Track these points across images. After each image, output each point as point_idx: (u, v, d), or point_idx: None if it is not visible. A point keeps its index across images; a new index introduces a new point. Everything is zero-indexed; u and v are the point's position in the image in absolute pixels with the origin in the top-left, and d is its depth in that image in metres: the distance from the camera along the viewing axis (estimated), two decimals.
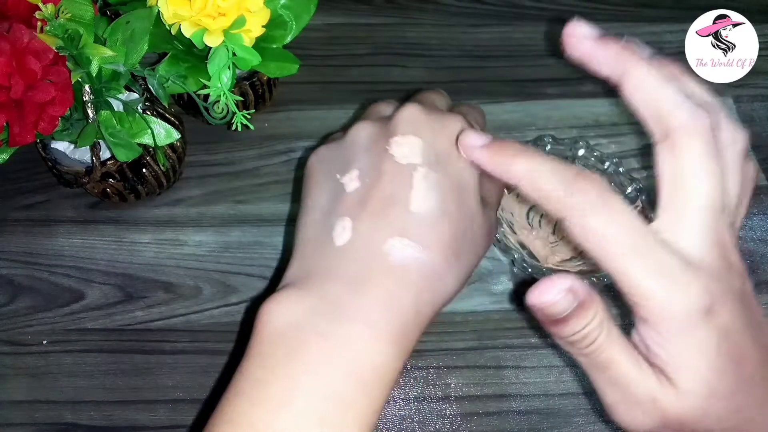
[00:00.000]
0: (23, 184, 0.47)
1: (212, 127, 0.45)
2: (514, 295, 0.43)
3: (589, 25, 0.27)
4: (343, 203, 0.29)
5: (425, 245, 0.28)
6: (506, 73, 0.53)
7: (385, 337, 0.27)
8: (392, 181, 0.29)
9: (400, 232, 0.28)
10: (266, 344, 0.27)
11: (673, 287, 0.24)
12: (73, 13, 0.36)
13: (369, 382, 0.26)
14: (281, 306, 0.27)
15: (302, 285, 0.28)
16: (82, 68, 0.37)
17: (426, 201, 0.29)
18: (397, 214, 0.29)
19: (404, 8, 0.56)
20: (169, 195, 0.46)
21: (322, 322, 0.27)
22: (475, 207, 0.31)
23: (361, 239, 0.28)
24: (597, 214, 0.25)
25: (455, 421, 0.39)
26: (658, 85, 0.25)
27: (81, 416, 0.39)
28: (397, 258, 0.28)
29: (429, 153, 0.30)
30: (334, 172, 0.31)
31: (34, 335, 0.41)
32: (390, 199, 0.29)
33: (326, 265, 0.28)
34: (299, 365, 0.26)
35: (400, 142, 0.30)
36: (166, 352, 0.41)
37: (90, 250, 0.44)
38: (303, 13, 0.42)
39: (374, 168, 0.30)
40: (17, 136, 0.35)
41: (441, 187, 0.29)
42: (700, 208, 0.25)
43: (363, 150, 0.31)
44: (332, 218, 0.29)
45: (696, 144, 0.25)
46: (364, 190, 0.29)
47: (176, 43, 0.41)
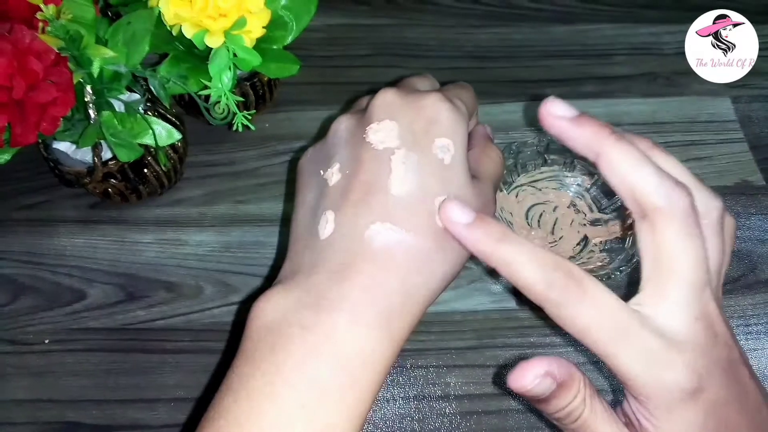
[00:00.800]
0: (25, 185, 0.47)
1: (213, 127, 0.45)
2: (514, 295, 0.43)
3: (564, 104, 0.27)
4: (327, 197, 0.30)
5: (409, 227, 0.28)
6: (506, 73, 0.53)
7: (370, 322, 0.26)
8: (370, 168, 0.29)
9: (382, 217, 0.28)
10: (254, 340, 0.27)
11: (657, 369, 0.25)
12: (75, 14, 0.36)
13: (355, 370, 0.26)
14: (269, 303, 0.28)
15: (289, 281, 0.28)
16: (83, 69, 0.37)
17: (406, 183, 0.28)
18: (378, 200, 0.28)
19: (404, 9, 0.56)
20: (170, 195, 0.47)
21: (306, 314, 0.26)
22: (463, 182, 0.30)
23: (344, 229, 0.28)
24: (578, 304, 0.25)
25: (455, 420, 0.40)
26: (634, 166, 0.26)
27: (83, 415, 0.39)
28: (379, 243, 0.27)
29: (406, 135, 0.30)
30: (318, 170, 0.31)
31: (37, 334, 0.41)
32: (370, 185, 0.29)
33: (311, 259, 0.28)
34: (282, 358, 0.26)
35: (375, 129, 0.30)
36: (168, 351, 0.41)
37: (92, 249, 0.44)
38: (303, 13, 0.42)
39: (353, 158, 0.30)
40: (19, 136, 0.35)
41: (421, 167, 0.29)
42: (681, 285, 0.25)
43: (342, 143, 0.31)
44: (317, 213, 0.29)
45: (674, 225, 0.25)
46: (345, 182, 0.29)
47: (177, 43, 0.41)
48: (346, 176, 0.29)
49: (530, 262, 0.25)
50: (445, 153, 0.29)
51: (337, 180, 0.30)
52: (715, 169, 0.49)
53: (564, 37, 0.55)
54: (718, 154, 0.49)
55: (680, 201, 0.25)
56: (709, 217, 0.27)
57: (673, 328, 0.25)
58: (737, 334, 0.42)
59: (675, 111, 0.52)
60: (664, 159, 0.28)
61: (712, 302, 0.26)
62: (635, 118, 0.51)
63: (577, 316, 0.25)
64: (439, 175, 0.29)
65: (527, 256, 0.26)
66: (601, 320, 0.25)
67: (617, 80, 0.53)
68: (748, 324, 0.43)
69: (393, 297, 0.27)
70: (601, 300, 0.25)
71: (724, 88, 0.52)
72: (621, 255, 0.42)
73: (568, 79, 0.53)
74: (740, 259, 0.45)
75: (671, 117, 0.51)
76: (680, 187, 0.25)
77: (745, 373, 0.26)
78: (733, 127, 0.51)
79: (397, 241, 0.28)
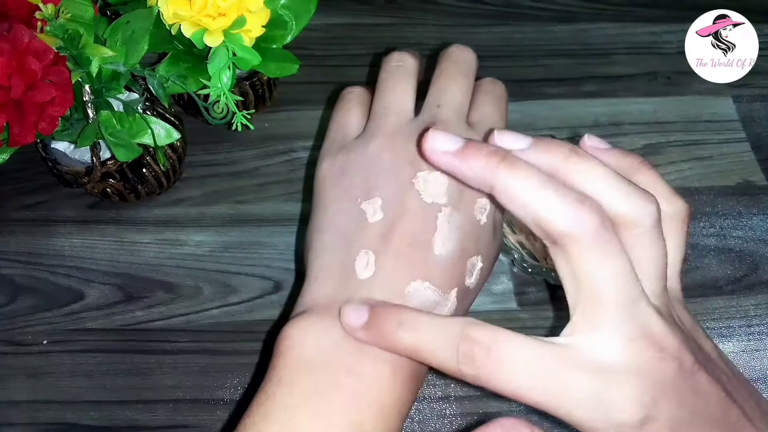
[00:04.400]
0: (23, 184, 0.47)
1: (212, 127, 0.45)
2: (514, 295, 0.43)
3: (445, 136, 0.25)
4: (366, 234, 0.29)
5: (444, 287, 0.29)
6: (506, 72, 0.53)
7: (407, 375, 0.28)
8: (416, 220, 0.29)
9: (423, 275, 0.28)
10: (294, 371, 0.27)
11: (602, 409, 0.23)
12: (74, 14, 0.36)
13: (391, 415, 0.27)
14: (307, 334, 0.28)
15: (326, 314, 0.28)
16: (82, 68, 0.37)
17: (448, 243, 0.29)
18: (420, 256, 0.29)
19: (404, 8, 0.56)
20: (169, 195, 0.46)
21: (350, 358, 0.27)
22: (489, 238, 0.31)
23: (384, 277, 0.28)
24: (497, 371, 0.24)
25: (455, 421, 0.39)
26: (533, 193, 0.23)
27: (81, 416, 0.39)
28: (418, 302, 0.28)
29: (453, 191, 0.30)
30: (353, 193, 0.31)
31: (35, 335, 0.41)
32: (414, 239, 0.29)
33: (350, 297, 0.28)
34: (328, 398, 0.26)
35: (426, 179, 0.30)
36: (167, 352, 0.41)
37: (90, 250, 0.44)
38: (303, 13, 0.42)
39: (398, 201, 0.30)
40: (17, 136, 0.35)
41: (462, 227, 0.30)
42: (607, 309, 0.23)
43: (386, 176, 0.30)
44: (354, 247, 0.29)
45: (586, 248, 0.23)
46: (388, 224, 0.29)
47: (176, 43, 0.41)
48: (389, 218, 0.29)
49: (435, 342, 0.25)
50: (482, 213, 0.31)
51: (379, 219, 0.29)
52: (717, 169, 0.48)
53: (564, 36, 0.55)
54: (719, 153, 0.49)
55: (588, 221, 0.23)
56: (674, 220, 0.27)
57: (610, 358, 0.23)
58: (739, 335, 0.42)
59: (676, 111, 0.51)
60: (645, 176, 0.27)
61: (652, 314, 0.24)
62: (636, 117, 0.51)
63: (505, 382, 0.24)
64: (475, 236, 0.30)
65: (431, 336, 0.25)
66: (529, 378, 0.23)
67: (618, 79, 0.53)
68: (750, 324, 0.42)
69: None
70: (520, 357, 0.23)
71: (725, 88, 0.52)
72: None
73: (569, 79, 0.53)
74: (742, 259, 0.45)
75: (672, 117, 0.51)
76: (587, 205, 0.23)
77: (702, 379, 0.24)
78: (735, 126, 0.51)
79: (434, 302, 0.29)
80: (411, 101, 0.33)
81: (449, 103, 0.33)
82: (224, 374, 0.40)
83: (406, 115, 0.33)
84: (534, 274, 0.42)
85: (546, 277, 0.41)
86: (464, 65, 0.35)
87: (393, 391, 0.27)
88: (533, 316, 0.43)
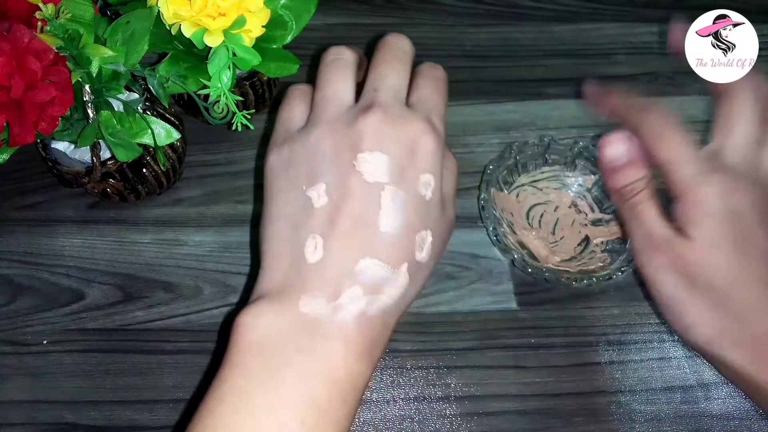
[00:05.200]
0: (23, 184, 0.47)
1: (212, 127, 0.44)
2: (515, 295, 0.43)
3: None
4: (312, 219, 0.30)
5: (394, 263, 0.30)
6: (506, 73, 0.53)
7: (360, 350, 0.29)
8: (360, 200, 0.30)
9: (371, 252, 0.30)
10: (247, 355, 0.28)
11: (705, 178, 0.31)
12: (74, 13, 0.36)
13: (346, 391, 0.28)
14: (259, 319, 0.29)
15: (277, 299, 0.29)
16: (82, 68, 0.37)
17: (394, 220, 0.30)
18: (366, 235, 0.30)
19: (404, 8, 0.56)
20: (169, 195, 0.46)
21: (302, 338, 0.28)
22: (437, 213, 0.32)
23: (333, 258, 0.30)
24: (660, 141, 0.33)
25: (455, 421, 0.39)
26: None
27: (81, 416, 0.39)
28: (368, 278, 0.29)
29: (395, 170, 0.31)
30: (299, 182, 0.31)
31: (35, 335, 0.41)
32: (359, 218, 0.30)
33: (300, 281, 0.30)
34: (282, 376, 0.27)
35: (367, 159, 0.30)
36: (166, 352, 0.41)
37: (90, 250, 0.44)
38: (303, 13, 0.42)
39: (341, 184, 0.30)
40: (17, 136, 0.35)
41: (407, 203, 0.31)
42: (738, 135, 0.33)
43: (328, 161, 0.31)
44: (302, 233, 0.30)
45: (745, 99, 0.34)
46: (333, 207, 0.30)
47: (176, 43, 0.41)
48: (334, 202, 0.30)
49: None
50: (427, 189, 0.31)
51: (324, 203, 0.30)
52: None
53: (565, 36, 0.55)
54: None
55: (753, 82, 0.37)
56: None
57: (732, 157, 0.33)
58: None
59: (677, 110, 0.51)
60: None
61: None
62: None
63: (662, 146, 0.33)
64: (421, 211, 0.31)
65: None
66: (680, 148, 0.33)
67: (618, 80, 0.53)
68: None
69: (376, 327, 0.30)
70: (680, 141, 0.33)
71: None
72: (622, 255, 0.42)
73: (569, 79, 0.53)
74: None
75: None
76: None
77: None
78: None
79: (384, 278, 0.30)
80: (349, 90, 0.34)
81: (386, 87, 0.33)
82: None
83: (344, 103, 0.33)
84: (534, 274, 0.42)
85: (546, 277, 0.41)
86: (399, 51, 0.35)
87: (345, 367, 0.28)
88: (533, 316, 0.43)
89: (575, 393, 0.40)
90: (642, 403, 0.40)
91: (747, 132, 0.33)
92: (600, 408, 0.40)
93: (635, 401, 0.40)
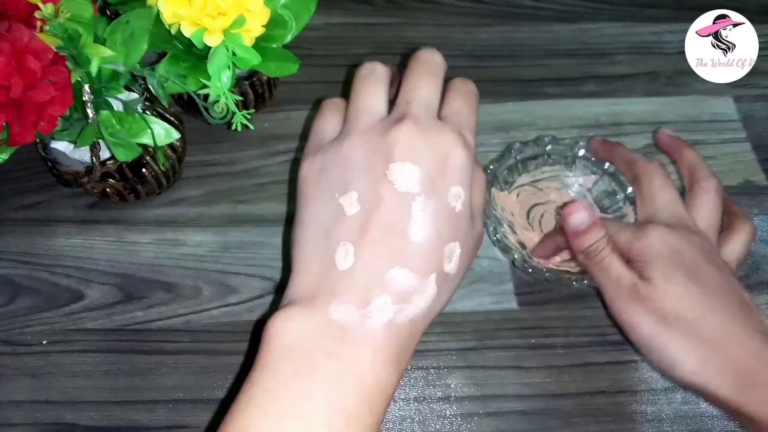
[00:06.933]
0: (23, 184, 0.47)
1: (212, 127, 0.44)
2: (515, 295, 0.43)
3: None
4: (344, 226, 0.31)
5: (423, 273, 0.30)
6: (506, 73, 0.53)
7: (388, 358, 0.29)
8: (391, 209, 0.30)
9: (401, 261, 0.30)
10: (277, 358, 0.29)
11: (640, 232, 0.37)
12: (73, 13, 0.36)
13: (373, 398, 0.29)
14: (290, 323, 0.29)
15: (308, 304, 0.30)
16: (81, 68, 0.37)
17: (423, 230, 0.30)
18: (397, 244, 0.30)
19: (404, 8, 0.56)
20: (168, 195, 0.46)
21: (331, 343, 0.29)
22: (466, 226, 0.32)
23: (364, 266, 0.30)
24: None
25: (455, 422, 0.39)
26: None
27: (81, 416, 0.39)
28: (398, 287, 0.30)
29: (426, 180, 0.31)
30: (331, 190, 0.32)
31: (34, 335, 0.41)
32: (390, 227, 0.30)
33: (331, 287, 0.30)
34: (311, 380, 0.28)
35: (398, 170, 0.31)
36: (166, 352, 0.41)
37: (90, 250, 0.44)
38: (303, 12, 0.42)
39: (373, 193, 0.31)
40: (17, 136, 0.35)
41: (437, 214, 0.31)
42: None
43: (360, 170, 0.31)
44: (333, 240, 0.31)
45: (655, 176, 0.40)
46: (364, 216, 0.30)
47: (176, 42, 0.41)
48: (365, 210, 0.31)
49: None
50: (457, 201, 0.32)
51: (356, 212, 0.31)
52: (718, 169, 0.48)
53: (565, 36, 0.55)
54: (720, 154, 0.49)
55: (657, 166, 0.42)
56: None
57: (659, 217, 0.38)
58: None
59: (677, 110, 0.51)
60: None
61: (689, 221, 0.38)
62: (637, 117, 0.51)
63: None
64: (451, 223, 0.31)
65: None
66: None
67: (619, 79, 0.53)
68: None
69: (404, 336, 0.30)
70: None
71: (726, 88, 0.52)
72: None
73: (569, 79, 0.53)
74: None
75: (673, 117, 0.51)
76: None
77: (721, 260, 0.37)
78: (736, 126, 0.51)
79: (413, 287, 0.30)
80: (382, 102, 0.34)
81: (418, 99, 0.34)
82: (224, 374, 0.40)
83: (377, 114, 0.34)
84: (534, 274, 0.42)
85: (546, 277, 0.41)
86: (431, 65, 0.36)
87: (373, 374, 0.29)
88: (533, 316, 0.43)
89: (575, 393, 0.40)
90: (642, 404, 0.40)
91: (668, 197, 0.39)
92: (600, 408, 0.40)
93: (635, 401, 0.40)
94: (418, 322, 0.31)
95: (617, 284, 0.35)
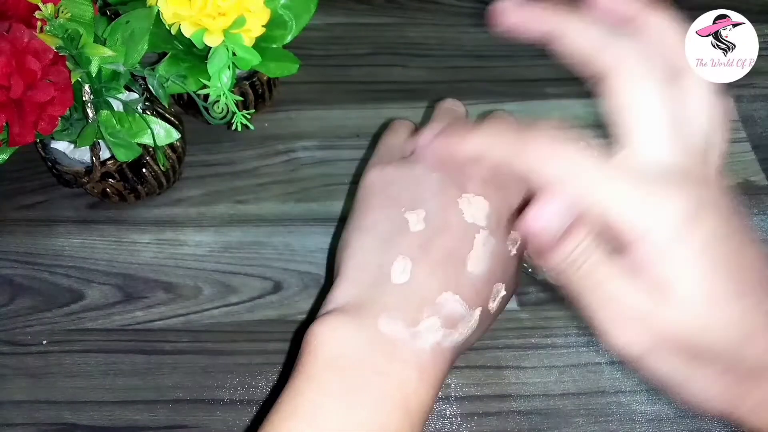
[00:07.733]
0: (23, 184, 0.47)
1: (212, 127, 0.44)
2: (515, 295, 0.43)
3: None
4: (405, 240, 0.31)
5: (472, 304, 0.31)
6: (506, 73, 0.53)
7: (431, 381, 0.29)
8: (456, 236, 0.31)
9: (455, 288, 0.30)
10: (321, 369, 0.28)
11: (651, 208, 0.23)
12: (73, 13, 0.36)
13: (415, 418, 0.28)
14: (337, 333, 0.29)
15: (355, 314, 0.30)
16: (81, 68, 0.37)
17: (481, 264, 0.31)
18: (454, 270, 0.30)
19: (404, 8, 0.56)
20: (169, 195, 0.46)
21: (380, 360, 0.29)
22: (513, 271, 0.33)
23: (418, 284, 0.30)
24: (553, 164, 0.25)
25: (455, 422, 0.39)
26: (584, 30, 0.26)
27: (81, 416, 0.39)
28: (447, 311, 0.30)
29: (492, 218, 0.32)
30: (399, 203, 0.32)
31: (34, 335, 0.41)
32: (451, 253, 0.31)
33: (382, 300, 0.30)
34: (356, 398, 0.28)
35: (470, 201, 0.32)
36: (166, 352, 0.41)
37: (90, 250, 0.44)
38: (303, 12, 0.42)
39: (441, 217, 0.31)
40: (17, 136, 0.35)
41: (495, 253, 0.31)
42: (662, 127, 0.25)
43: (433, 193, 0.32)
44: (392, 251, 0.31)
45: None
46: (428, 236, 0.31)
47: (176, 42, 0.41)
48: (430, 230, 0.31)
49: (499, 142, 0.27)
50: (513, 246, 0.32)
51: (420, 229, 0.31)
52: None
53: None
54: None
55: None
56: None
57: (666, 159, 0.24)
58: None
59: None
60: None
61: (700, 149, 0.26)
62: None
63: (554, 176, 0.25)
64: (504, 264, 0.32)
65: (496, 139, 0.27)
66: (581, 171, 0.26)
67: None
68: None
69: (446, 361, 0.30)
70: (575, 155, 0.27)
71: (726, 88, 0.51)
72: None
73: (570, 78, 0.52)
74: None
75: None
76: None
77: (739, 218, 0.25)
78: (735, 126, 0.51)
79: (461, 315, 0.30)
80: None
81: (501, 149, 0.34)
82: (224, 374, 0.40)
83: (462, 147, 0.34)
84: (534, 274, 0.42)
85: (546, 277, 0.41)
86: None
87: (417, 396, 0.29)
88: (533, 316, 0.43)
89: (575, 393, 0.40)
90: (642, 404, 0.40)
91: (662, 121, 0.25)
92: (600, 408, 0.40)
93: (636, 401, 0.40)
94: (455, 350, 0.31)
95: (617, 307, 0.24)
